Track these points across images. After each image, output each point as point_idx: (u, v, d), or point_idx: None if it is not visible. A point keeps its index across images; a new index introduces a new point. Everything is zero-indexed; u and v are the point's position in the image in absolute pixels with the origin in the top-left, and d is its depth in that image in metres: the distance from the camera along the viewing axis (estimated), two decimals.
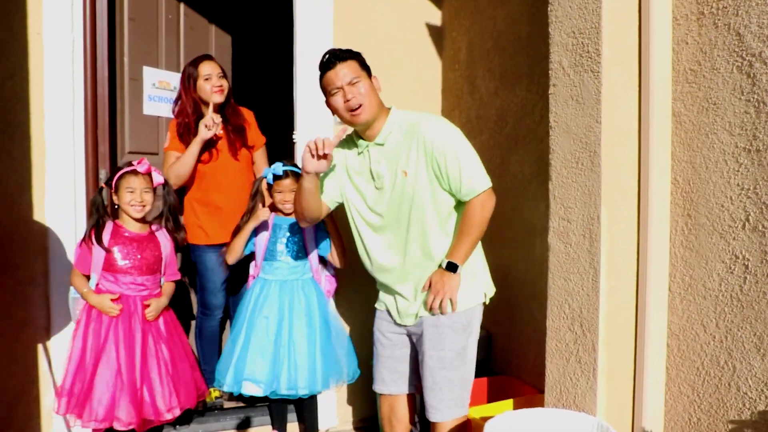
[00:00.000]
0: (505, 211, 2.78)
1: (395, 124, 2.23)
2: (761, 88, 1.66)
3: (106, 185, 2.69)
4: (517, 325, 2.91)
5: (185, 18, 3.76)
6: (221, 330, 3.38)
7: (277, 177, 2.79)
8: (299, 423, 3.11)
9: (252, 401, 3.25)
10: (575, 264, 2.04)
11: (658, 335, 1.97)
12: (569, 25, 2.04)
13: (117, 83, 3.36)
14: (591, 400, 1.98)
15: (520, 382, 2.86)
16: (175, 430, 3.04)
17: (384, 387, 2.42)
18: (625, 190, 1.96)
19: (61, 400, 2.56)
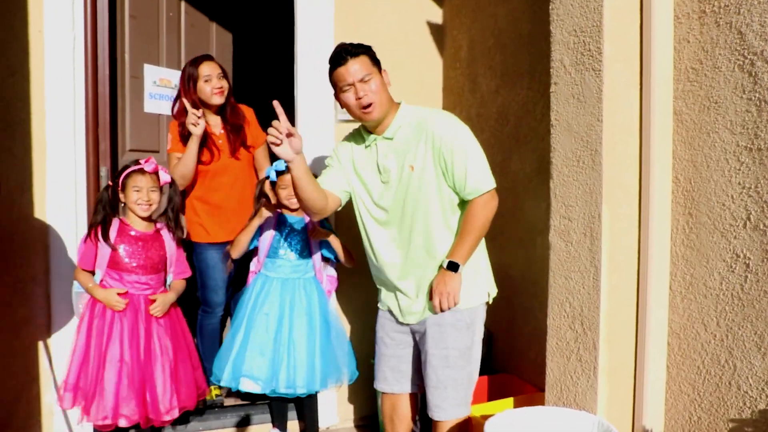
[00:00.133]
0: (506, 210, 2.77)
1: (405, 119, 2.23)
2: (763, 86, 1.65)
3: (112, 182, 2.69)
4: (518, 324, 2.91)
5: (186, 16, 3.76)
6: (222, 327, 3.38)
7: (279, 173, 2.79)
8: (299, 421, 3.12)
9: (252, 399, 3.25)
10: (576, 262, 2.04)
11: (658, 334, 1.97)
12: (570, 23, 2.04)
13: (118, 81, 3.36)
14: (591, 398, 1.98)
15: (520, 380, 2.86)
16: (175, 428, 3.05)
17: (386, 386, 2.42)
18: (627, 188, 1.96)
19: (65, 394, 2.55)
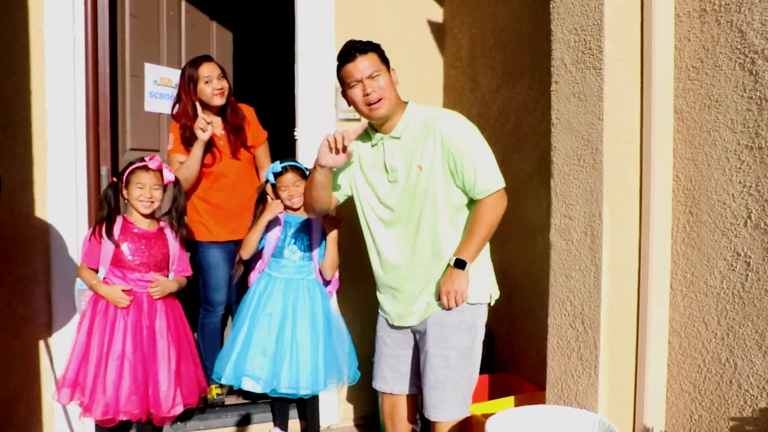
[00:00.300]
0: (507, 208, 2.74)
1: (412, 118, 2.23)
2: (763, 85, 1.65)
3: (116, 179, 2.69)
4: (519, 323, 2.91)
5: (186, 15, 3.76)
6: (223, 326, 3.38)
7: (277, 174, 2.79)
8: (300, 420, 3.12)
9: (253, 398, 3.25)
10: (577, 261, 2.04)
11: (659, 332, 1.97)
12: (571, 22, 2.04)
13: (118, 80, 3.36)
14: (592, 397, 1.98)
15: (521, 379, 2.86)
16: (176, 426, 3.05)
17: (385, 385, 2.42)
18: (627, 187, 1.96)
19: (63, 389, 2.55)
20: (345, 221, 2.84)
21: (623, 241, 1.97)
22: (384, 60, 2.22)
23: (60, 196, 2.92)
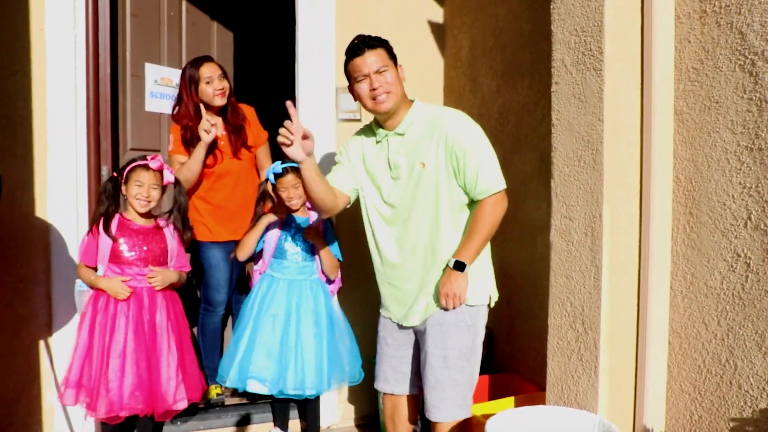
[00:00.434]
0: (507, 209, 2.75)
1: (417, 115, 2.23)
2: (763, 86, 1.66)
3: (117, 174, 2.69)
4: (519, 323, 2.91)
5: (187, 15, 3.76)
6: (223, 326, 3.38)
7: (278, 176, 2.79)
8: (301, 420, 3.12)
9: (253, 398, 3.25)
10: (577, 262, 2.05)
11: (659, 333, 1.97)
12: (572, 23, 2.04)
13: (119, 80, 3.36)
14: (592, 397, 1.98)
15: (521, 379, 2.87)
16: (176, 425, 3.05)
17: (387, 386, 2.42)
18: (628, 188, 1.96)
19: (67, 390, 2.55)
20: (345, 222, 2.84)
21: (623, 242, 1.97)
22: (392, 56, 2.23)
23: (60, 196, 2.92)
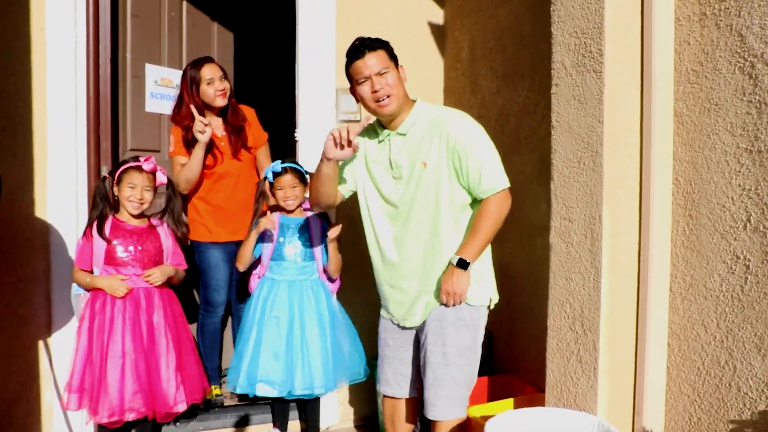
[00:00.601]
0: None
1: (420, 115, 2.24)
2: (763, 89, 1.66)
3: (109, 175, 2.69)
4: (518, 325, 2.91)
5: (187, 15, 3.76)
6: (223, 327, 3.38)
7: (277, 174, 2.79)
8: (300, 421, 3.12)
9: (253, 399, 3.25)
10: (576, 263, 2.05)
11: (659, 335, 1.97)
12: (572, 25, 2.04)
13: (119, 80, 3.36)
14: (592, 399, 1.99)
15: (520, 381, 2.87)
16: (176, 427, 3.05)
17: (388, 389, 2.42)
18: (627, 189, 1.97)
19: (71, 396, 2.55)
20: (345, 223, 2.84)
21: (623, 244, 1.97)
22: (393, 57, 2.23)
23: (60, 196, 2.92)
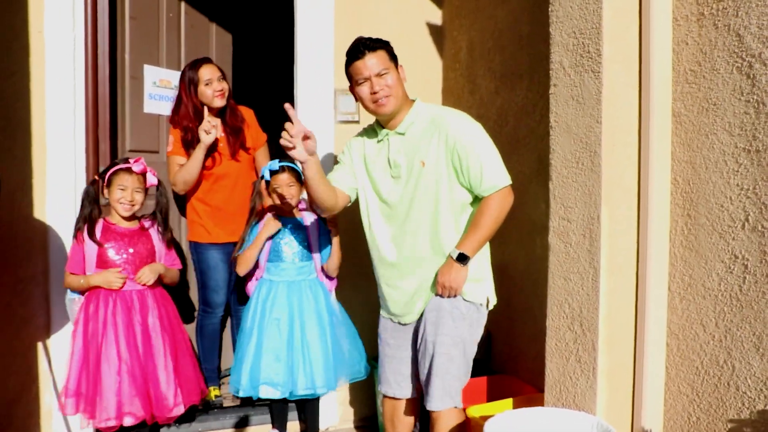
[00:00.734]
0: None
1: (419, 115, 2.24)
2: (761, 89, 1.66)
3: (99, 177, 2.68)
4: (517, 325, 2.92)
5: (186, 16, 3.76)
6: (222, 328, 3.38)
7: (274, 173, 2.79)
8: (300, 422, 3.12)
9: (252, 400, 3.25)
10: (575, 263, 2.05)
11: (657, 335, 1.97)
12: (570, 25, 2.05)
13: (118, 82, 3.36)
14: (591, 399, 1.99)
15: (519, 381, 2.87)
16: (176, 428, 3.05)
17: (389, 389, 2.42)
18: (626, 190, 1.97)
19: (68, 400, 2.54)
20: (344, 223, 2.84)
21: (621, 244, 1.97)
22: (392, 57, 2.23)
23: (59, 197, 2.92)
